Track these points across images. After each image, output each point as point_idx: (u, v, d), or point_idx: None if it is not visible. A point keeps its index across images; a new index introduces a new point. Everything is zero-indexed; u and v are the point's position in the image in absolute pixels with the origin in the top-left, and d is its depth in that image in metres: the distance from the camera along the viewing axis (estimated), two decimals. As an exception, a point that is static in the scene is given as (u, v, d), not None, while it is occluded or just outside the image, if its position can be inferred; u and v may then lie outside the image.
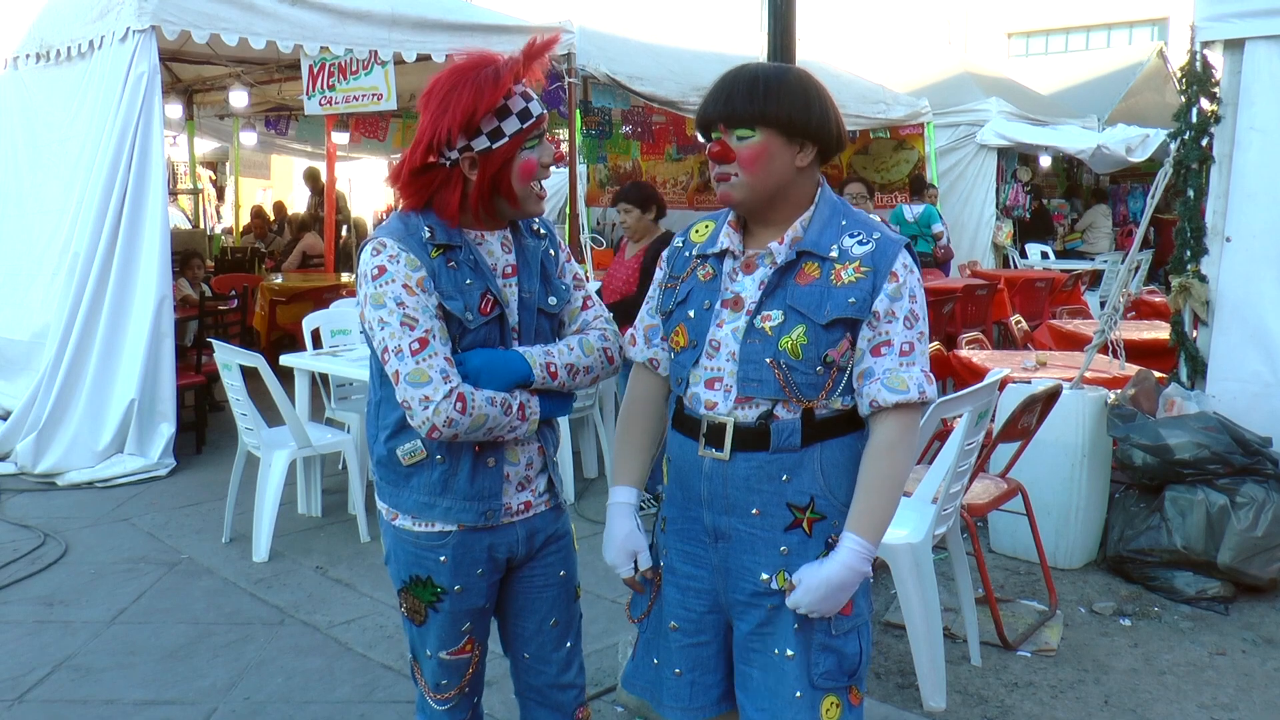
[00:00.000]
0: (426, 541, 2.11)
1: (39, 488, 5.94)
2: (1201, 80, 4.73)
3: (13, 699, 3.47)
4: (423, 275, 1.99)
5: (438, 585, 2.13)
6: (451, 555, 2.11)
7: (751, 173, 1.90)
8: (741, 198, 1.94)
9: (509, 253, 2.13)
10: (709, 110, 1.94)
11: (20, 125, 7.57)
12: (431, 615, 2.15)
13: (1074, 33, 30.62)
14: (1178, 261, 4.83)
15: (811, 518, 1.93)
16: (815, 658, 1.93)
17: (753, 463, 1.91)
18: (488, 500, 2.09)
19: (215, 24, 6.57)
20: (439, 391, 1.93)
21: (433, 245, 2.03)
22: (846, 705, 1.96)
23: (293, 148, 14.82)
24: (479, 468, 2.08)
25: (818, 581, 1.87)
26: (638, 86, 9.15)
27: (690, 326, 1.99)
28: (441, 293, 2.01)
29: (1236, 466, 4.15)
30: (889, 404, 1.87)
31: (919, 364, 1.90)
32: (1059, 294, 10.52)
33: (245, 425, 4.87)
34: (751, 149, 1.89)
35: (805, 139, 1.91)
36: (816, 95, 1.92)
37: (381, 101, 7.48)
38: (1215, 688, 3.51)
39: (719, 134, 1.93)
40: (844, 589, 1.87)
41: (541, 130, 2.06)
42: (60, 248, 6.61)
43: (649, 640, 2.15)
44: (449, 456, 2.06)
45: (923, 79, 14.24)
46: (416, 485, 2.09)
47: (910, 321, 1.89)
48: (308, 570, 4.64)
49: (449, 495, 2.08)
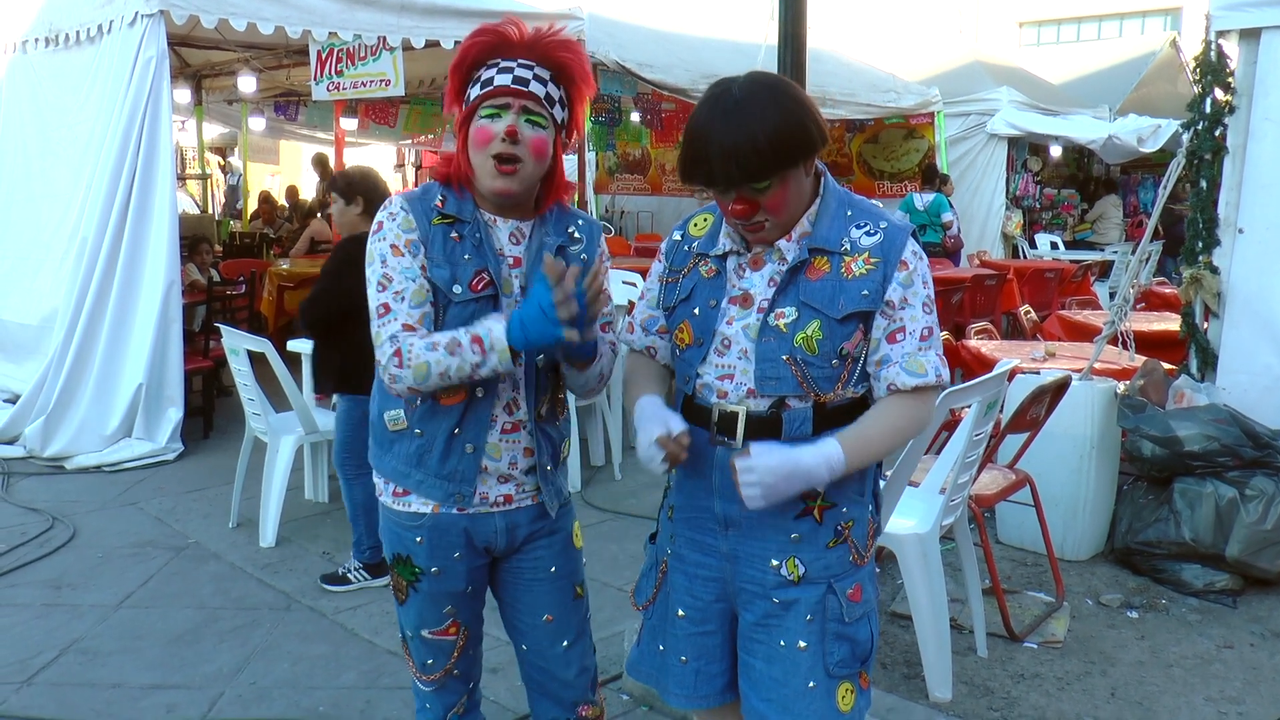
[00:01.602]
0: (406, 521, 2.14)
1: (47, 471, 5.96)
2: (1216, 70, 4.68)
3: (21, 681, 3.48)
4: (413, 237, 2.03)
5: (416, 566, 2.16)
6: (427, 537, 2.13)
7: (780, 214, 1.89)
8: (779, 235, 1.93)
9: (516, 245, 2.11)
10: (719, 178, 1.83)
11: (29, 110, 7.57)
12: (412, 594, 2.19)
13: (1086, 22, 30.49)
14: (1189, 253, 4.81)
15: (822, 505, 1.93)
16: (830, 647, 1.93)
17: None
18: (458, 483, 2.08)
19: (224, 9, 6.56)
20: (384, 352, 1.99)
21: (439, 213, 2.05)
22: (859, 690, 1.98)
23: (301, 133, 14.82)
24: (454, 449, 2.07)
25: (782, 459, 1.82)
26: (647, 74, 9.12)
27: (695, 324, 1.97)
28: (430, 259, 2.02)
29: (1246, 459, 4.13)
30: (907, 387, 1.88)
31: (934, 348, 1.91)
32: (1068, 285, 10.48)
33: (252, 410, 4.87)
34: (775, 196, 1.86)
35: (811, 156, 1.89)
36: (801, 107, 1.85)
37: (389, 88, 7.46)
38: (1223, 681, 3.50)
39: (735, 192, 1.86)
40: (800, 479, 1.83)
41: (505, 103, 1.99)
42: (69, 232, 6.63)
43: (654, 627, 2.15)
44: (426, 432, 2.08)
45: (933, 68, 14.19)
46: (397, 452, 2.12)
47: (928, 307, 1.91)
48: (314, 555, 4.64)
49: (421, 470, 2.10)
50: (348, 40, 7.30)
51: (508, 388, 2.08)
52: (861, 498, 1.99)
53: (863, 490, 1.99)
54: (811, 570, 1.94)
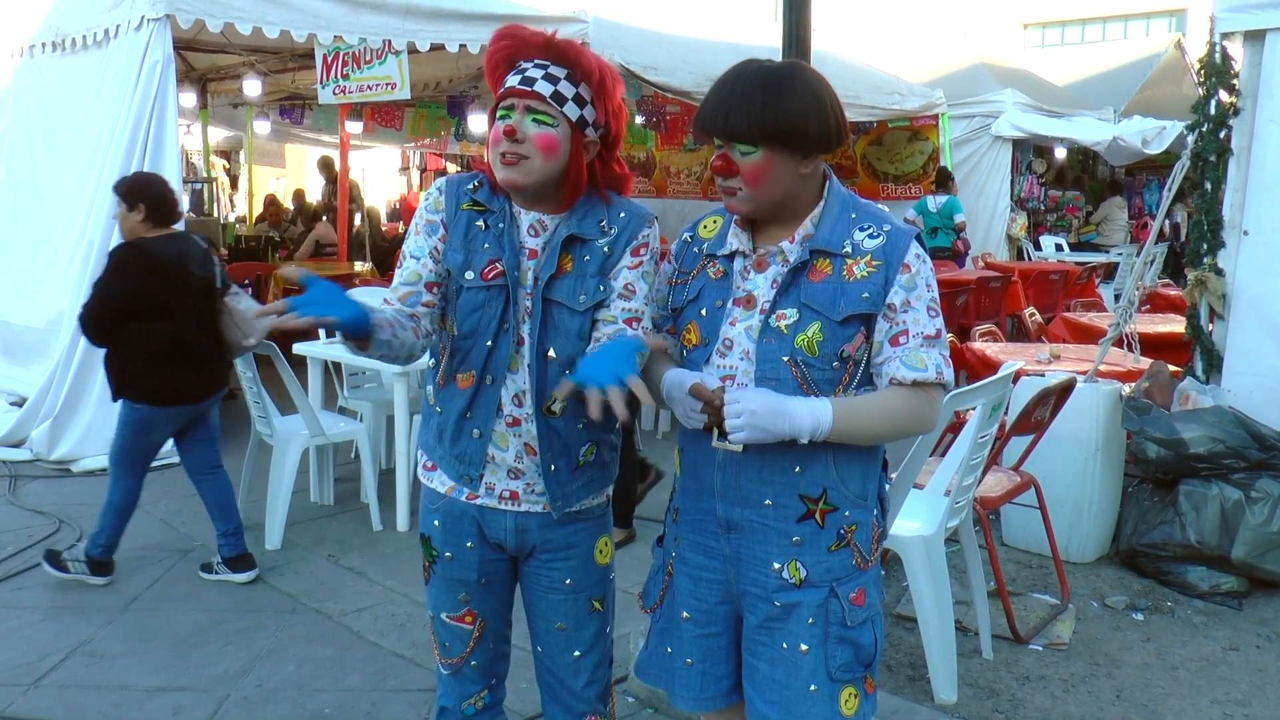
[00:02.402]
0: (429, 501, 2.24)
1: (54, 474, 5.97)
2: (1220, 72, 4.68)
3: (29, 684, 3.50)
4: (434, 219, 2.13)
5: (434, 548, 2.23)
6: (442, 520, 2.20)
7: (755, 188, 1.89)
8: (748, 210, 1.94)
9: (536, 237, 2.11)
10: (708, 122, 1.90)
11: (37, 114, 7.60)
12: (432, 574, 2.27)
13: (1090, 24, 30.47)
14: (1194, 254, 4.80)
15: (824, 509, 1.93)
16: (832, 650, 1.93)
17: (766, 454, 1.90)
18: (466, 465, 2.14)
19: (229, 13, 6.58)
20: None
21: (471, 198, 2.13)
22: (863, 694, 1.97)
23: (306, 136, 14.84)
24: (463, 431, 2.13)
25: (769, 397, 1.82)
26: (651, 76, 9.12)
27: (703, 324, 1.98)
28: (449, 243, 2.11)
29: (1252, 461, 4.13)
30: (906, 380, 1.88)
31: (939, 349, 1.91)
32: (1073, 287, 10.47)
33: (258, 413, 4.88)
34: (754, 166, 1.87)
35: (807, 151, 1.89)
36: (815, 102, 1.87)
37: (395, 91, 7.46)
38: (1228, 683, 3.49)
39: (721, 146, 1.91)
40: (785, 420, 1.80)
41: (513, 104, 2.04)
42: (75, 236, 6.64)
43: (662, 629, 2.15)
44: (444, 410, 2.15)
45: (938, 70, 14.17)
46: (430, 426, 2.22)
47: (932, 310, 1.91)
48: (320, 558, 4.65)
49: (441, 445, 2.17)
50: (353, 44, 7.31)
51: (519, 379, 2.08)
52: (865, 502, 1.98)
53: (866, 494, 1.98)
54: (813, 573, 1.94)
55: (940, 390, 1.93)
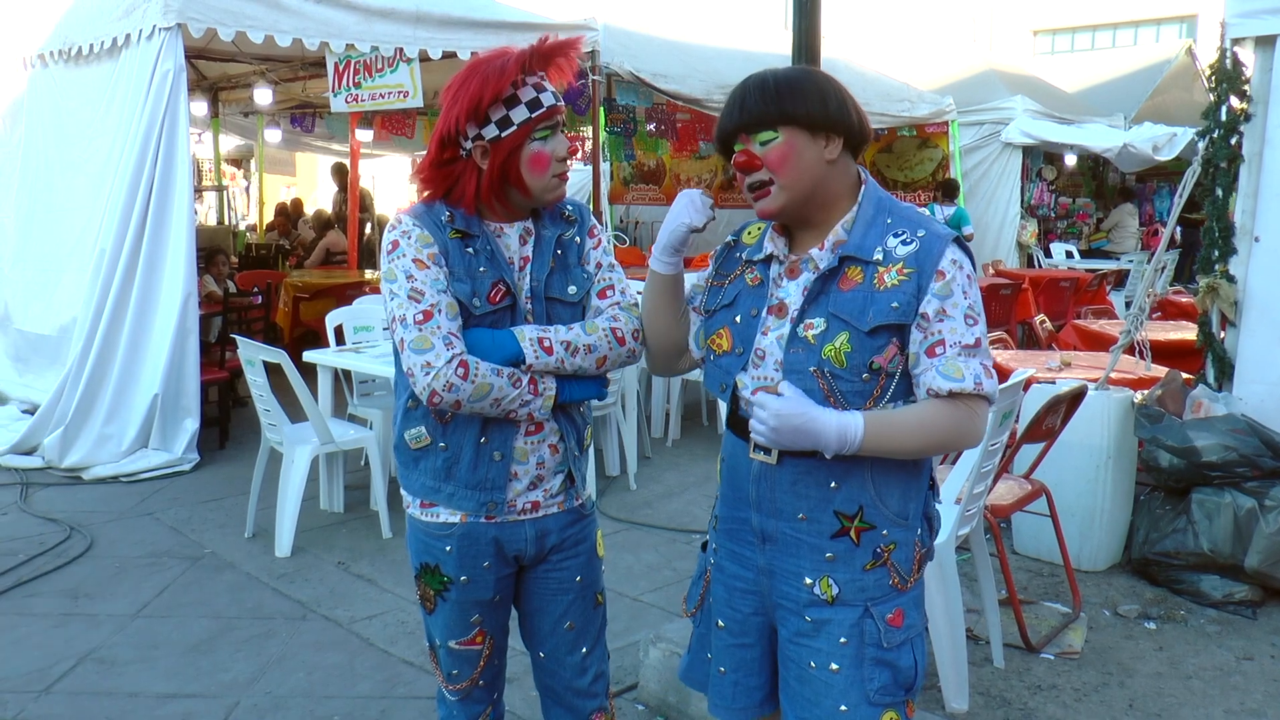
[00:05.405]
0: (434, 530, 2.16)
1: (65, 481, 5.99)
2: (1231, 78, 4.66)
3: (40, 690, 3.51)
4: (434, 250, 2.05)
5: (445, 574, 2.17)
6: (457, 546, 2.14)
7: (783, 174, 1.85)
8: (781, 205, 1.88)
9: (525, 245, 2.14)
10: (727, 123, 1.90)
11: (51, 123, 7.64)
12: (440, 604, 2.20)
13: (1100, 30, 30.39)
14: (1205, 261, 4.78)
15: (860, 527, 1.87)
16: (869, 672, 1.87)
17: (801, 468, 1.86)
18: (490, 492, 2.10)
19: (241, 21, 6.61)
20: (441, 357, 1.96)
21: (451, 228, 2.08)
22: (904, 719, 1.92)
23: (317, 145, 14.89)
24: (483, 458, 2.09)
25: (798, 409, 1.78)
26: (661, 84, 9.14)
27: (736, 332, 1.95)
28: (452, 273, 2.05)
29: (1265, 469, 4.11)
30: (942, 391, 1.80)
31: (980, 358, 1.82)
32: (1084, 294, 10.45)
33: (268, 421, 4.90)
34: (777, 150, 1.85)
35: (829, 130, 1.86)
36: (831, 88, 1.89)
37: (408, 99, 7.49)
38: (1243, 693, 3.47)
39: (741, 145, 1.89)
40: (808, 436, 1.77)
41: (555, 122, 2.07)
42: (88, 244, 6.68)
43: (702, 635, 2.14)
44: (451, 444, 2.09)
45: (947, 77, 14.17)
46: (424, 469, 2.13)
47: (971, 319, 1.82)
48: (330, 565, 4.66)
49: (451, 482, 2.11)
50: (365, 52, 7.34)
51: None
52: (906, 521, 1.91)
53: (906, 513, 1.92)
54: (846, 591, 1.89)
55: (982, 402, 1.84)
